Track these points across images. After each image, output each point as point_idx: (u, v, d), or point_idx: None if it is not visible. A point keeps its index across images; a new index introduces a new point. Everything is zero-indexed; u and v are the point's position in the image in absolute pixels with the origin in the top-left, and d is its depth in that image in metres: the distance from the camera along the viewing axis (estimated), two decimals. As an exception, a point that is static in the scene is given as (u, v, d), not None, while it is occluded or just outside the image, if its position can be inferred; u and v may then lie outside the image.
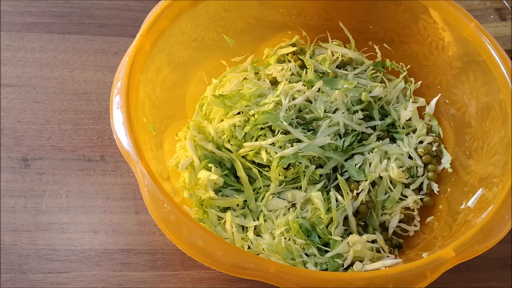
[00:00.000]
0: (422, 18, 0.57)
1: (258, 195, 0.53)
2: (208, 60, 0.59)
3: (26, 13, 0.67)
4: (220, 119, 0.56)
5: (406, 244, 0.53)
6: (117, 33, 0.67)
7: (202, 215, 0.50)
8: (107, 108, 0.60)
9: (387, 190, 0.54)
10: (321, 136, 0.54)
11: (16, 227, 0.52)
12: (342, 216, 0.51)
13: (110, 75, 0.63)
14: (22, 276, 0.50)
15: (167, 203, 0.40)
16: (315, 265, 0.48)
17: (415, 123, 0.59)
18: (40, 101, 0.61)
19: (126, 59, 0.46)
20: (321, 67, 0.60)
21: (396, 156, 0.55)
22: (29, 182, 0.55)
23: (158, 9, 0.50)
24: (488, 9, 0.73)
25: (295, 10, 0.61)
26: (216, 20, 0.56)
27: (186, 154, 0.53)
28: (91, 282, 0.50)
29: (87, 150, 0.58)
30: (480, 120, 0.53)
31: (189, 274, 0.52)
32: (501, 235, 0.42)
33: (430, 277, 0.39)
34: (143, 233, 0.53)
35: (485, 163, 0.51)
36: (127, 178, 0.56)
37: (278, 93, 0.56)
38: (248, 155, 0.53)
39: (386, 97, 0.60)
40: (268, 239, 0.49)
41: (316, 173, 0.53)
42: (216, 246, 0.39)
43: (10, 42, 0.64)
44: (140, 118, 0.46)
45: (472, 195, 0.50)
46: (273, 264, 0.38)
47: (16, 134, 0.58)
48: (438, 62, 0.58)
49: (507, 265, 0.55)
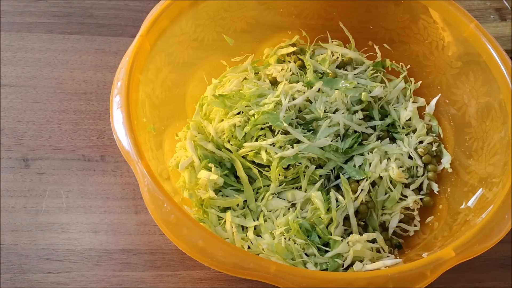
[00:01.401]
0: (422, 18, 0.57)
1: (258, 195, 0.53)
2: (208, 60, 0.59)
3: (26, 13, 0.67)
4: (220, 119, 0.56)
5: (406, 244, 0.53)
6: (117, 33, 0.67)
7: (202, 215, 0.50)
8: (107, 108, 0.60)
9: (387, 190, 0.54)
10: (321, 136, 0.54)
11: (16, 227, 0.52)
12: (342, 216, 0.51)
13: (110, 75, 0.63)
14: (22, 276, 0.50)
15: (167, 203, 0.40)
16: (315, 265, 0.48)
17: (415, 123, 0.59)
18: (40, 101, 0.61)
19: (126, 59, 0.46)
20: (321, 67, 0.60)
21: (396, 156, 0.55)
22: (29, 182, 0.55)
23: (158, 9, 0.50)
24: (488, 9, 0.73)
25: (295, 10, 0.61)
26: (216, 20, 0.56)
27: (186, 154, 0.53)
28: (91, 282, 0.50)
29: (87, 150, 0.58)
30: (480, 120, 0.53)
31: (189, 274, 0.52)
32: (501, 235, 0.42)
33: (430, 277, 0.39)
34: (143, 233, 0.53)
35: (485, 163, 0.51)
36: (127, 178, 0.56)
37: (278, 93, 0.56)
38: (248, 155, 0.53)
39: (386, 97, 0.60)
40: (268, 239, 0.49)
41: (316, 174, 0.53)
42: (216, 246, 0.39)
43: (10, 42, 0.64)
44: (140, 118, 0.46)
45: (472, 195, 0.50)
46: (273, 264, 0.38)
47: (16, 134, 0.58)
48: (438, 62, 0.58)
49: (507, 265, 0.55)
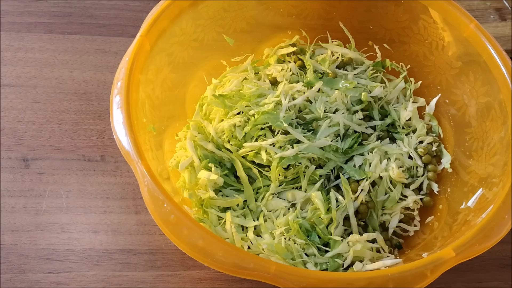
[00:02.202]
0: (422, 18, 0.57)
1: (258, 195, 0.53)
2: (208, 60, 0.59)
3: (26, 13, 0.67)
4: (220, 119, 0.56)
5: (406, 244, 0.53)
6: (117, 33, 0.67)
7: (202, 215, 0.50)
8: (107, 108, 0.60)
9: (387, 190, 0.54)
10: (321, 137, 0.54)
11: (16, 227, 0.52)
12: (342, 216, 0.51)
13: (110, 75, 0.63)
14: (22, 276, 0.50)
15: (167, 203, 0.40)
16: (315, 265, 0.48)
17: (415, 123, 0.59)
18: (40, 101, 0.61)
19: (126, 59, 0.46)
20: (321, 67, 0.60)
21: (396, 156, 0.55)
22: (29, 182, 0.55)
23: (158, 9, 0.50)
24: (488, 9, 0.73)
25: (295, 10, 0.61)
26: (216, 20, 0.56)
27: (186, 154, 0.53)
28: (91, 282, 0.50)
29: (87, 150, 0.58)
30: (480, 120, 0.53)
31: (189, 274, 0.52)
32: (501, 235, 0.42)
33: (430, 277, 0.39)
34: (143, 233, 0.53)
35: (485, 163, 0.51)
36: (127, 178, 0.56)
37: (278, 93, 0.56)
38: (248, 155, 0.53)
39: (386, 97, 0.60)
40: (268, 239, 0.49)
41: (316, 174, 0.53)
42: (216, 246, 0.39)
43: (10, 42, 0.64)
44: (140, 118, 0.46)
45: (472, 195, 0.50)
46: (273, 264, 0.38)
47: (16, 134, 0.58)
48: (438, 62, 0.58)
49: (507, 265, 0.55)
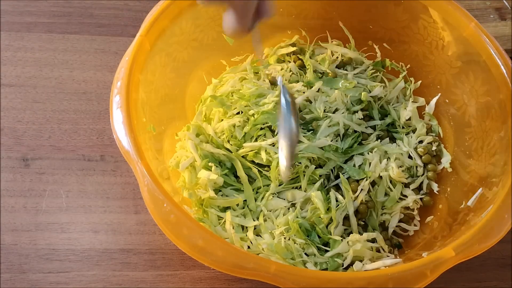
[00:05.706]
0: (422, 17, 0.57)
1: (258, 195, 0.53)
2: (208, 60, 0.59)
3: (25, 13, 0.67)
4: (220, 119, 0.56)
5: (406, 244, 0.53)
6: (117, 33, 0.67)
7: (202, 214, 0.50)
8: (107, 108, 0.60)
9: (387, 190, 0.54)
10: (321, 136, 0.54)
11: (16, 227, 0.52)
12: (342, 216, 0.51)
13: (110, 75, 0.63)
14: (22, 276, 0.50)
15: (167, 203, 0.40)
16: (315, 264, 0.48)
17: (415, 123, 0.59)
18: (40, 101, 0.61)
19: (126, 59, 0.47)
20: (321, 67, 0.60)
21: (396, 156, 0.55)
22: (29, 182, 0.55)
23: (158, 9, 0.50)
24: (488, 8, 0.73)
25: (295, 10, 0.61)
26: (216, 20, 0.56)
27: (186, 154, 0.53)
28: (91, 282, 0.50)
29: (87, 150, 0.58)
30: (480, 119, 0.53)
31: (189, 274, 0.52)
32: (501, 235, 0.42)
33: (430, 277, 0.39)
34: (143, 233, 0.53)
35: (485, 163, 0.51)
36: (127, 178, 0.56)
37: (278, 93, 0.56)
38: (248, 155, 0.53)
39: (386, 97, 0.60)
40: (268, 239, 0.49)
41: (316, 173, 0.53)
42: (216, 246, 0.39)
43: (10, 42, 0.64)
44: (140, 118, 0.46)
45: (472, 194, 0.50)
46: (273, 264, 0.38)
47: (16, 134, 0.58)
48: (438, 62, 0.58)
49: (507, 265, 0.55)
